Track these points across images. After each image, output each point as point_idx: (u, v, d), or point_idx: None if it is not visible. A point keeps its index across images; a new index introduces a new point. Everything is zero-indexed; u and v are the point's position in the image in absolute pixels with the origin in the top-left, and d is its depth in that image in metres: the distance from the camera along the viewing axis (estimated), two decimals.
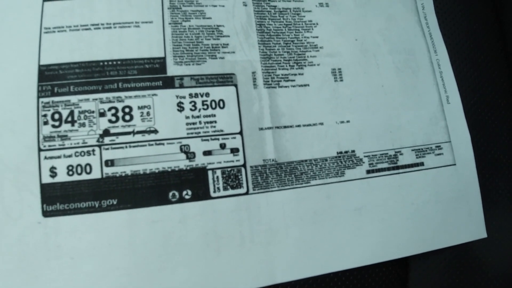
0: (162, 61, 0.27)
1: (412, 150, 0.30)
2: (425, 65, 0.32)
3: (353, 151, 0.29)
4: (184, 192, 0.25)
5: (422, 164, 0.30)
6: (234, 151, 0.27)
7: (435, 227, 0.29)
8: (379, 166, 0.29)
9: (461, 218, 0.30)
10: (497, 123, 0.34)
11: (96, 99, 0.25)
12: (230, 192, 0.26)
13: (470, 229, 0.30)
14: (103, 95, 0.26)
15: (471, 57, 0.35)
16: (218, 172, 0.26)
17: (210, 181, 0.26)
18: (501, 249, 0.32)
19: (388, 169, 0.29)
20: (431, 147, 0.31)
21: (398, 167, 0.29)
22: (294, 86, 0.29)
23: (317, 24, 0.31)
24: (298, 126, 0.28)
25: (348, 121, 0.29)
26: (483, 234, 0.30)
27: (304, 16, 0.31)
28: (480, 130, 0.33)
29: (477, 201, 0.31)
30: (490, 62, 0.35)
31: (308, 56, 0.30)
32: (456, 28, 0.35)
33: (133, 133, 0.25)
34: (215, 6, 0.29)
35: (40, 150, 0.24)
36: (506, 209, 0.33)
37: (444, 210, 0.30)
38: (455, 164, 0.31)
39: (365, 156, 0.29)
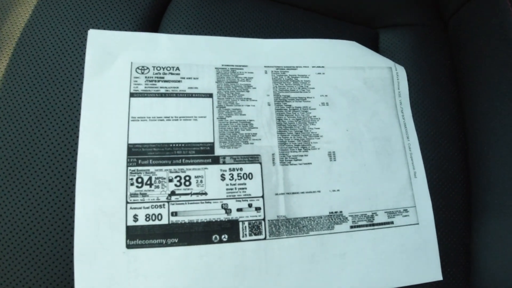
0: (211, 145, 0.39)
1: (385, 212, 0.41)
2: (399, 148, 0.43)
3: (341, 211, 0.40)
4: (223, 236, 0.37)
5: (392, 223, 0.41)
6: (257, 209, 0.38)
7: (400, 270, 0.40)
8: (360, 223, 0.40)
9: (421, 264, 0.40)
10: (453, 193, 0.44)
11: (167, 170, 0.38)
12: (253, 237, 0.37)
13: (428, 273, 0.40)
14: (172, 167, 0.38)
15: (436, 142, 0.45)
16: (246, 223, 0.38)
17: (241, 229, 0.37)
18: None
19: (366, 225, 0.40)
20: (399, 210, 0.41)
21: (373, 224, 0.40)
22: (301, 164, 0.40)
23: (319, 118, 0.42)
24: (302, 192, 0.40)
25: (338, 190, 0.40)
26: (439, 277, 0.40)
27: (310, 113, 0.42)
28: (439, 198, 0.43)
29: (435, 252, 0.41)
30: (451, 146, 0.45)
31: (311, 143, 0.41)
32: (425, 119, 0.45)
33: (191, 194, 0.37)
34: (248, 105, 0.41)
35: (127, 202, 0.36)
36: (459, 258, 0.42)
37: (408, 258, 0.40)
38: (418, 224, 0.41)
39: (349, 216, 0.40)
